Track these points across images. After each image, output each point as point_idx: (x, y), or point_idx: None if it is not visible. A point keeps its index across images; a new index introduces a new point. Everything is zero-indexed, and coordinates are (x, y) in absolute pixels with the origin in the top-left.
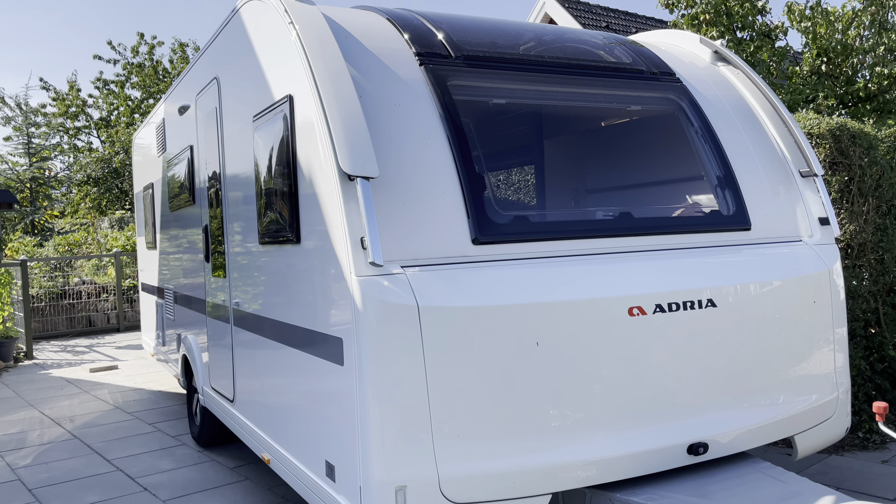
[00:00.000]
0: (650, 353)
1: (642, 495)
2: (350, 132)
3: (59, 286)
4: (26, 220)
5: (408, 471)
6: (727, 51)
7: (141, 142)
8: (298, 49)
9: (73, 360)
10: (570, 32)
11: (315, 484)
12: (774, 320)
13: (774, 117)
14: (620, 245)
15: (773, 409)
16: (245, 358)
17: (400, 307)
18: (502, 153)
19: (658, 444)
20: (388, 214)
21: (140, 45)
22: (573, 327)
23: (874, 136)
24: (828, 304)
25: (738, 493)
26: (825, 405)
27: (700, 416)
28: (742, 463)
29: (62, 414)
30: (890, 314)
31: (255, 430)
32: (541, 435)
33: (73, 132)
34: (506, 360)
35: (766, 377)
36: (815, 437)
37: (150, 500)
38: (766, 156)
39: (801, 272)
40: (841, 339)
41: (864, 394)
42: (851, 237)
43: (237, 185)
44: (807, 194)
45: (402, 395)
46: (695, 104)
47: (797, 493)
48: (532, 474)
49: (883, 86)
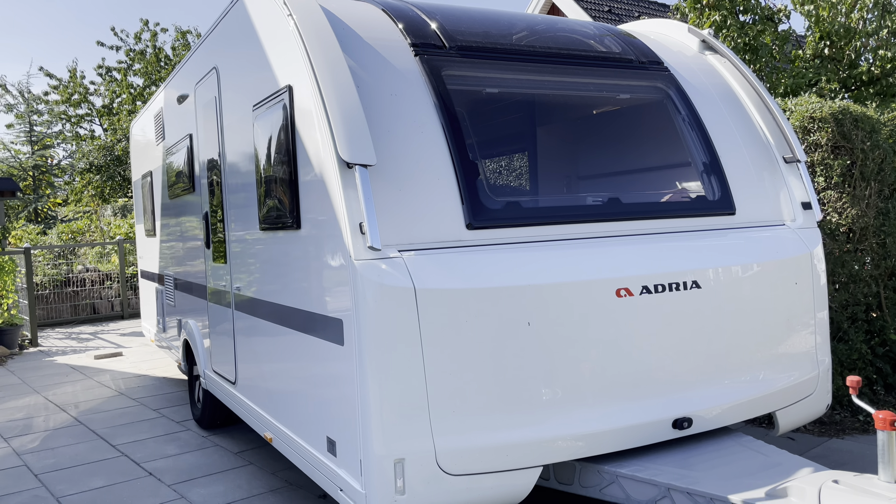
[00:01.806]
0: (637, 333)
1: (629, 467)
2: (348, 121)
3: (63, 274)
4: (29, 208)
5: (406, 444)
6: (714, 40)
7: (139, 130)
8: (297, 40)
9: (77, 347)
10: (561, 22)
11: (317, 459)
12: (757, 301)
13: (759, 104)
14: (609, 229)
15: (755, 386)
16: (246, 341)
17: (398, 289)
18: (495, 141)
19: (644, 418)
20: (385, 201)
21: (143, 32)
22: (563, 308)
23: (877, 120)
24: (809, 285)
25: (721, 464)
26: (806, 382)
27: (684, 393)
28: (725, 437)
29: (67, 400)
30: (891, 298)
31: (257, 411)
32: (532, 410)
33: (75, 120)
34: (499, 339)
35: (749, 355)
36: (795, 413)
37: (155, 484)
38: (751, 142)
39: (783, 255)
40: (822, 319)
41: (865, 377)
42: (853, 221)
43: (237, 174)
44: (790, 179)
45: (400, 373)
46: (682, 92)
47: (777, 464)
48: (524, 447)
49: (886, 69)
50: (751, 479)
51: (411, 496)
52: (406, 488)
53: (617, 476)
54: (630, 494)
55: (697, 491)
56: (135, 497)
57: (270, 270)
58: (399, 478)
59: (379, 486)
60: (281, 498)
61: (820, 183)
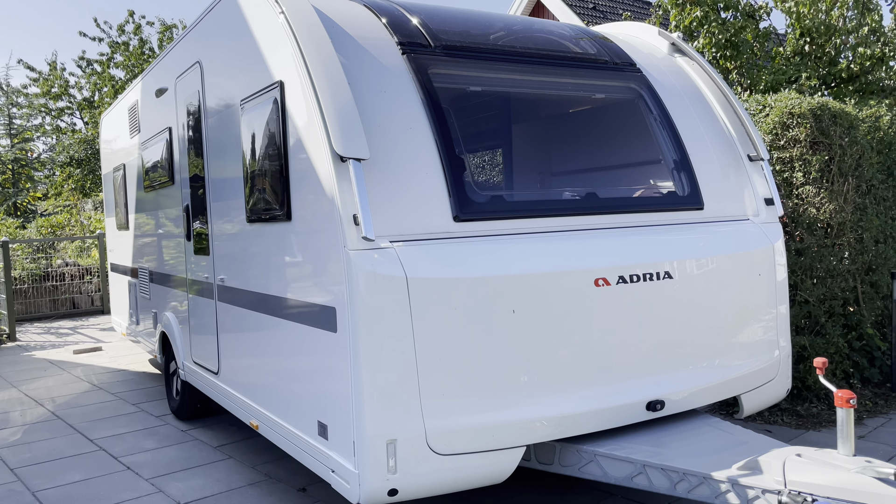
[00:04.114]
0: (613, 320)
1: (606, 447)
2: (342, 116)
3: (43, 268)
4: (9, 201)
5: (397, 426)
6: (683, 43)
7: (111, 123)
8: (290, 37)
9: (56, 341)
10: (538, 24)
11: (307, 443)
12: (724, 291)
13: (726, 105)
14: (587, 223)
15: (722, 371)
16: (231, 331)
17: (390, 278)
18: (479, 137)
19: (620, 401)
20: (377, 194)
21: (126, 24)
22: (545, 296)
23: (855, 117)
24: (772, 276)
25: (691, 443)
26: (768, 368)
27: (657, 377)
28: (694, 418)
29: (45, 394)
30: (868, 293)
31: (242, 399)
32: (516, 393)
33: (55, 113)
34: (485, 326)
35: (716, 342)
36: (758, 396)
37: (133, 478)
38: (718, 141)
39: (747, 248)
40: (782, 309)
41: (842, 371)
42: (831, 216)
43: (222, 167)
44: (754, 177)
45: (392, 358)
46: (654, 93)
47: (742, 442)
48: (508, 428)
49: (865, 66)
50: (719, 455)
51: (403, 475)
52: (398, 467)
53: (595, 455)
54: (608, 472)
55: (670, 466)
56: (112, 491)
57: (258, 262)
58: (391, 457)
59: (372, 466)
60: (260, 491)
61: (798, 178)
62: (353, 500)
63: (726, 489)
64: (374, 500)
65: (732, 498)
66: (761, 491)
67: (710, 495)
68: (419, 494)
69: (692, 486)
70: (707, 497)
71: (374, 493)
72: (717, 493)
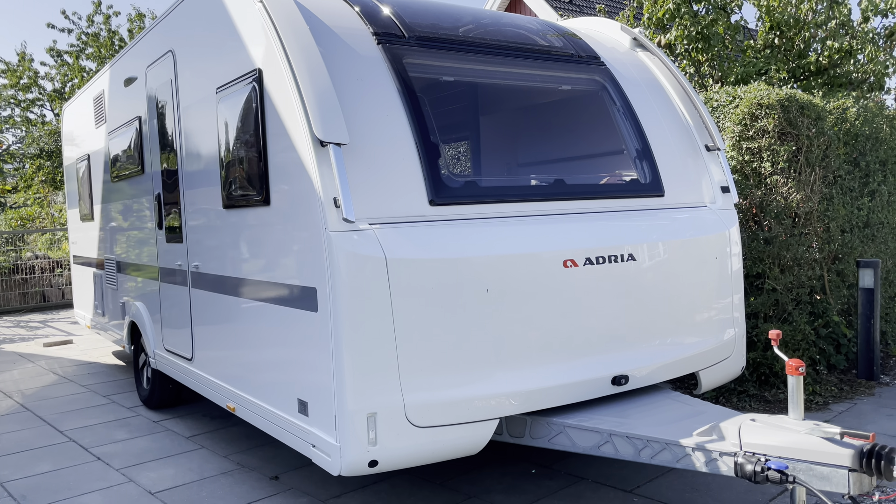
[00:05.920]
0: (581, 299)
1: (574, 419)
2: (322, 102)
3: (12, 261)
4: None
5: (377, 400)
6: (644, 38)
7: (75, 113)
8: (269, 26)
9: (26, 335)
10: (507, 17)
11: (287, 421)
12: (683, 273)
13: (685, 97)
14: (556, 208)
15: (682, 348)
16: (206, 317)
17: (370, 258)
18: (453, 125)
19: (587, 376)
20: (356, 178)
21: (95, 15)
22: (517, 277)
23: (822, 108)
24: (727, 259)
25: (653, 413)
26: (724, 346)
27: (622, 353)
28: (656, 392)
29: (14, 387)
30: (834, 281)
31: (218, 383)
32: (490, 368)
33: (25, 104)
34: (461, 304)
35: (676, 321)
36: (715, 373)
37: (103, 468)
38: (677, 131)
39: (705, 233)
40: (738, 290)
41: (808, 358)
42: (798, 206)
43: (196, 155)
44: (711, 166)
45: (372, 335)
46: (617, 85)
47: (701, 412)
48: (482, 401)
49: (833, 59)
50: (680, 424)
51: (382, 447)
52: (378, 440)
53: (564, 426)
54: (576, 442)
55: (635, 434)
56: (82, 481)
57: (235, 247)
58: (371, 430)
59: (353, 439)
60: (233, 480)
61: (766, 168)
62: (333, 472)
63: (686, 453)
64: (354, 470)
65: (692, 461)
66: (719, 454)
67: (672, 460)
68: (398, 465)
69: (655, 452)
70: (669, 462)
71: (355, 465)
72: (678, 457)
